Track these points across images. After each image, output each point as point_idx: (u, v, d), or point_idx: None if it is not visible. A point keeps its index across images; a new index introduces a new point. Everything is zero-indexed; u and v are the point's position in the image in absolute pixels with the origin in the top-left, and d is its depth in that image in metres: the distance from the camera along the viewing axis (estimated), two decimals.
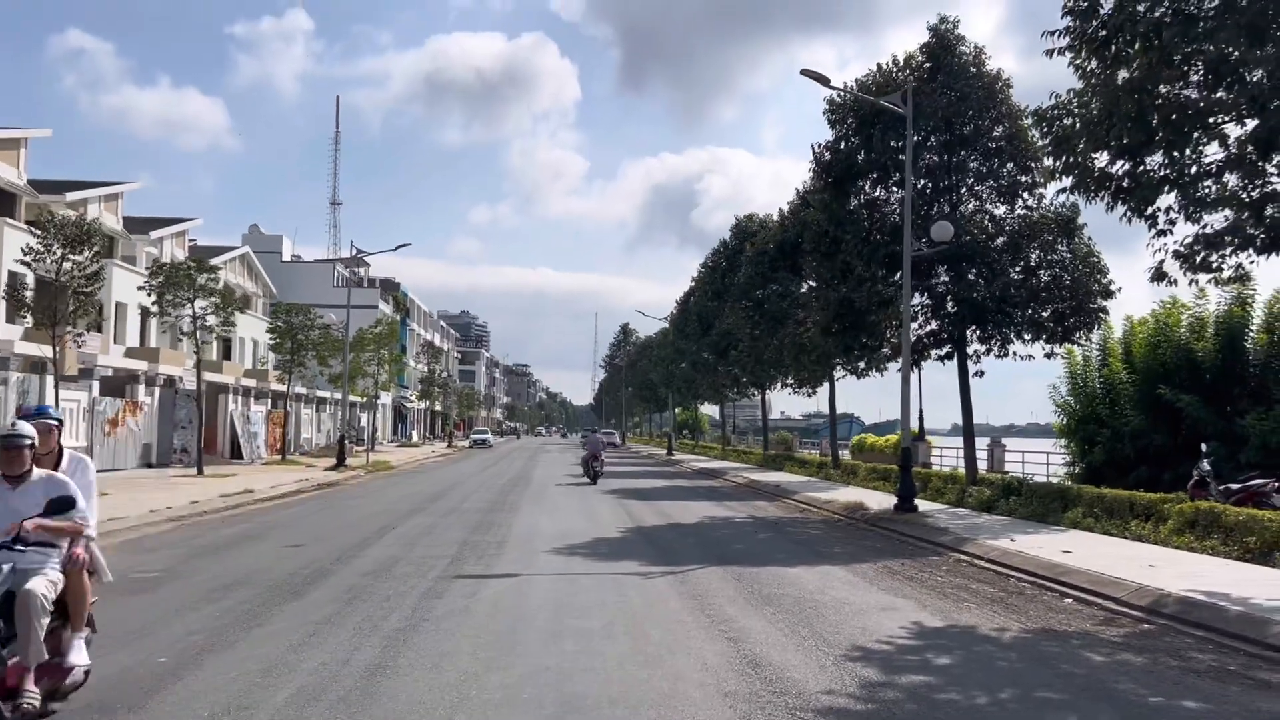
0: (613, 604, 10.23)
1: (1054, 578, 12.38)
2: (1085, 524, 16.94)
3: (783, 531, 18.22)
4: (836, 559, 14.40)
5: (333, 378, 53.30)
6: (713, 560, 13.76)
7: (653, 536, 16.85)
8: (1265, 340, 20.32)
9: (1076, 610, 10.66)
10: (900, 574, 13.02)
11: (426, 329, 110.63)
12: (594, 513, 21.21)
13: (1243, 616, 9.40)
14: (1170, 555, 13.80)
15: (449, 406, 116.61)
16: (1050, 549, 14.37)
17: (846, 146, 23.27)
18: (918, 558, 14.84)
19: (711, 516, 20.78)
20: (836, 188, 22.96)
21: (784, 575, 12.57)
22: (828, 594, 11.20)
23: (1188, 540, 14.43)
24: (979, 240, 21.29)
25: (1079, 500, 18.11)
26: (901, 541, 16.94)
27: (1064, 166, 13.43)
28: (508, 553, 14.29)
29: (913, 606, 10.53)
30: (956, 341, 22.10)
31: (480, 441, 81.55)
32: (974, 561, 14.34)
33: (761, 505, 24.43)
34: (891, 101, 20.42)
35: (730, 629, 9.08)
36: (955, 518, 19.70)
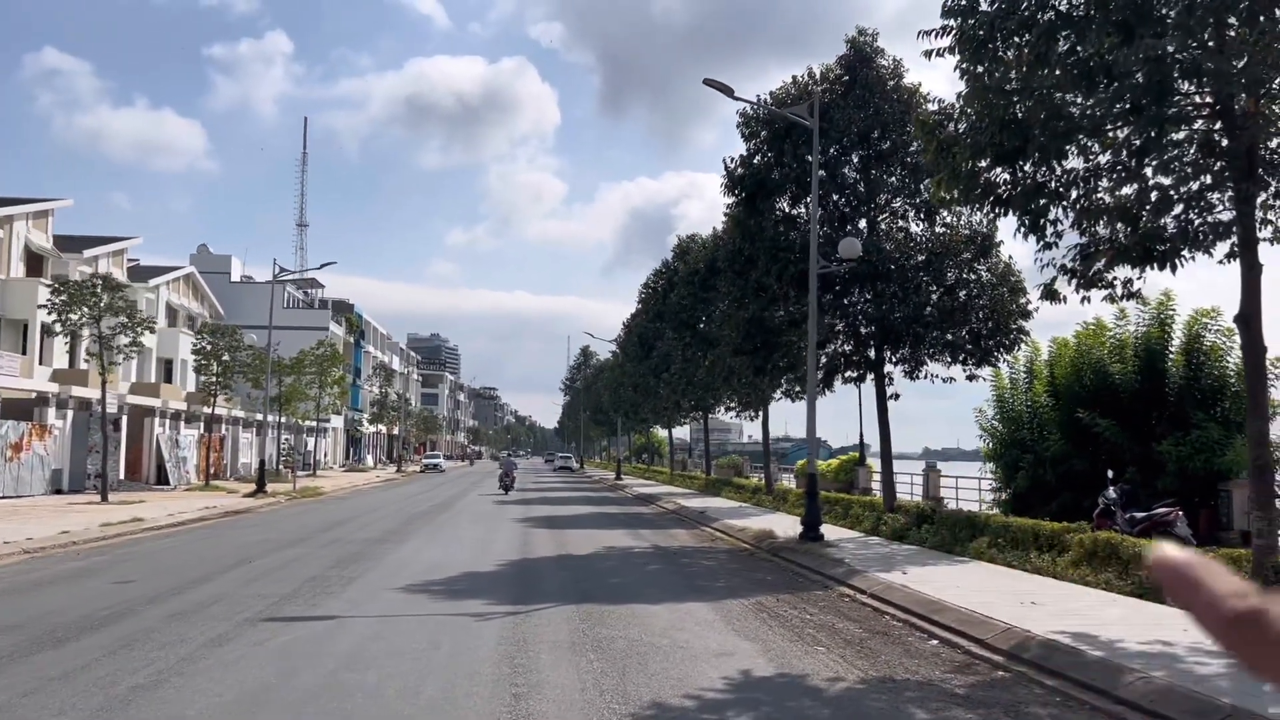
0: (414, 653, 9.17)
1: (928, 615, 11.46)
2: (989, 555, 16.07)
3: (676, 563, 17.21)
4: (711, 594, 13.40)
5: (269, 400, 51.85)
6: (574, 598, 12.71)
7: (530, 570, 15.78)
8: (1182, 362, 19.63)
9: (935, 654, 9.72)
10: (769, 612, 12.04)
11: (384, 351, 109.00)
12: (488, 543, 20.11)
13: (1101, 663, 8.49)
14: (1060, 590, 12.94)
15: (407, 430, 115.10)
16: (940, 582, 13.48)
17: (760, 161, 22.48)
18: (800, 592, 13.88)
19: (611, 547, 19.74)
20: (749, 204, 22.13)
21: (639, 614, 11.56)
22: (671, 637, 10.20)
23: (1083, 574, 13.58)
24: (892, 258, 20.50)
25: (986, 529, 17.25)
26: (794, 574, 15.99)
27: (949, 176, 12.63)
28: (351, 590, 13.19)
29: (754, 651, 9.54)
30: (874, 363, 21.27)
31: (432, 466, 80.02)
32: (856, 596, 13.40)
33: (675, 533, 23.43)
34: (798, 114, 19.66)
35: (526, 682, 8.05)
36: (861, 547, 18.79)
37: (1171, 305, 20.51)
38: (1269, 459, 11.64)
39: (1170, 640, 9.42)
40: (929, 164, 13.14)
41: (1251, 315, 11.57)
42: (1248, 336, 11.68)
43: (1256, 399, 11.66)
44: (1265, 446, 11.61)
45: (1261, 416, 11.62)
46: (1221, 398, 19.48)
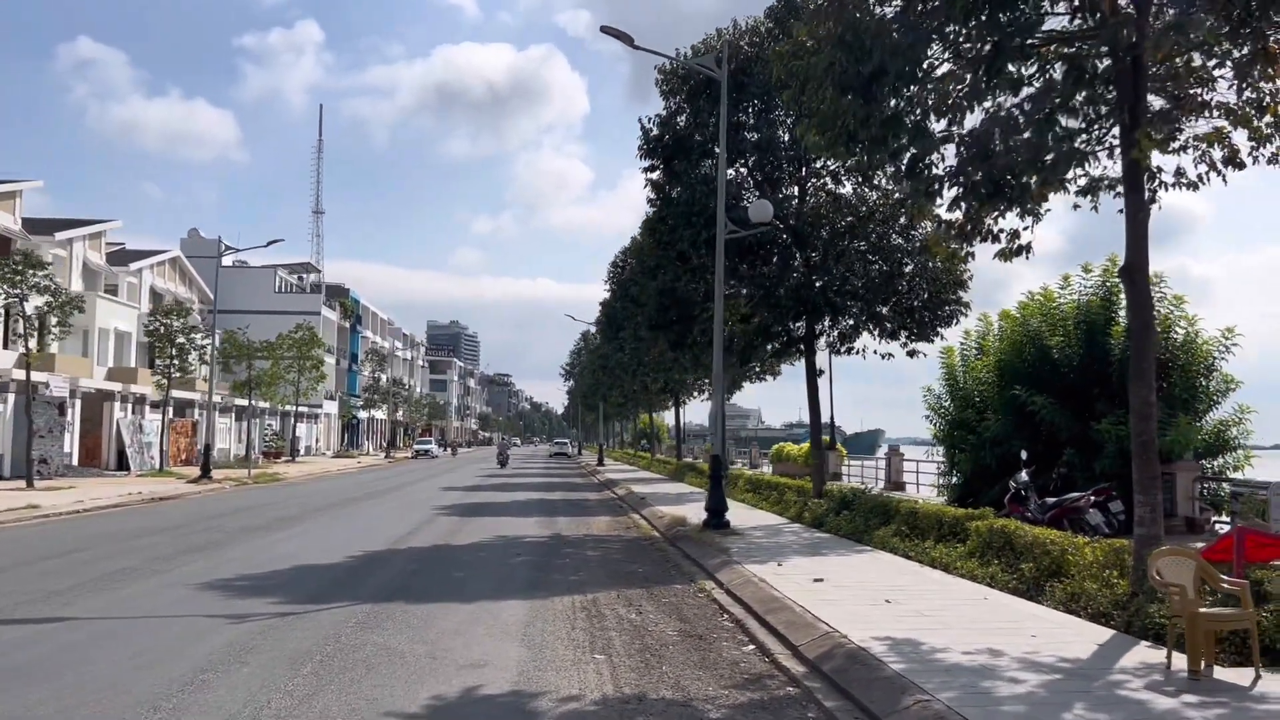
0: (105, 663, 7.78)
1: (764, 615, 9.99)
2: (891, 544, 14.55)
3: (556, 555, 15.76)
4: (552, 591, 11.96)
5: (236, 385, 50.80)
6: (383, 596, 11.31)
7: (374, 563, 14.38)
8: (1121, 335, 17.90)
9: (734, 665, 8.24)
10: (595, 611, 10.60)
11: (384, 336, 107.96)
12: (372, 532, 18.73)
13: (891, 681, 6.98)
14: (933, 585, 11.44)
15: (411, 416, 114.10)
16: (808, 576, 11.99)
17: (683, 121, 20.89)
18: (658, 586, 12.42)
19: (504, 536, 18.31)
20: (667, 166, 20.56)
21: (433, 616, 10.15)
22: (438, 644, 8.77)
23: (971, 566, 12.05)
24: (816, 223, 18.86)
25: (895, 517, 15.71)
26: (671, 565, 14.54)
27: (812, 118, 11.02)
28: (141, 585, 11.89)
29: (517, 662, 8.09)
30: (798, 338, 19.69)
31: (423, 452, 78.88)
32: (711, 591, 11.92)
33: (593, 521, 21.98)
34: (704, 65, 18.05)
35: (178, 704, 6.65)
36: (769, 535, 17.29)
37: (1115, 273, 18.78)
38: (1152, 434, 10.08)
39: (1002, 649, 7.91)
40: (786, 102, 11.56)
41: (1137, 267, 9.97)
42: (1133, 291, 10.11)
43: (1141, 363, 10.10)
44: (1149, 419, 10.03)
45: (1145, 383, 10.04)
46: (1168, 373, 17.79)
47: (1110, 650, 7.96)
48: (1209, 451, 17.66)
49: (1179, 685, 6.81)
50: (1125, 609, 8.90)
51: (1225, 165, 10.88)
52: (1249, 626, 7.12)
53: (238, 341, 51.65)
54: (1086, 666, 7.39)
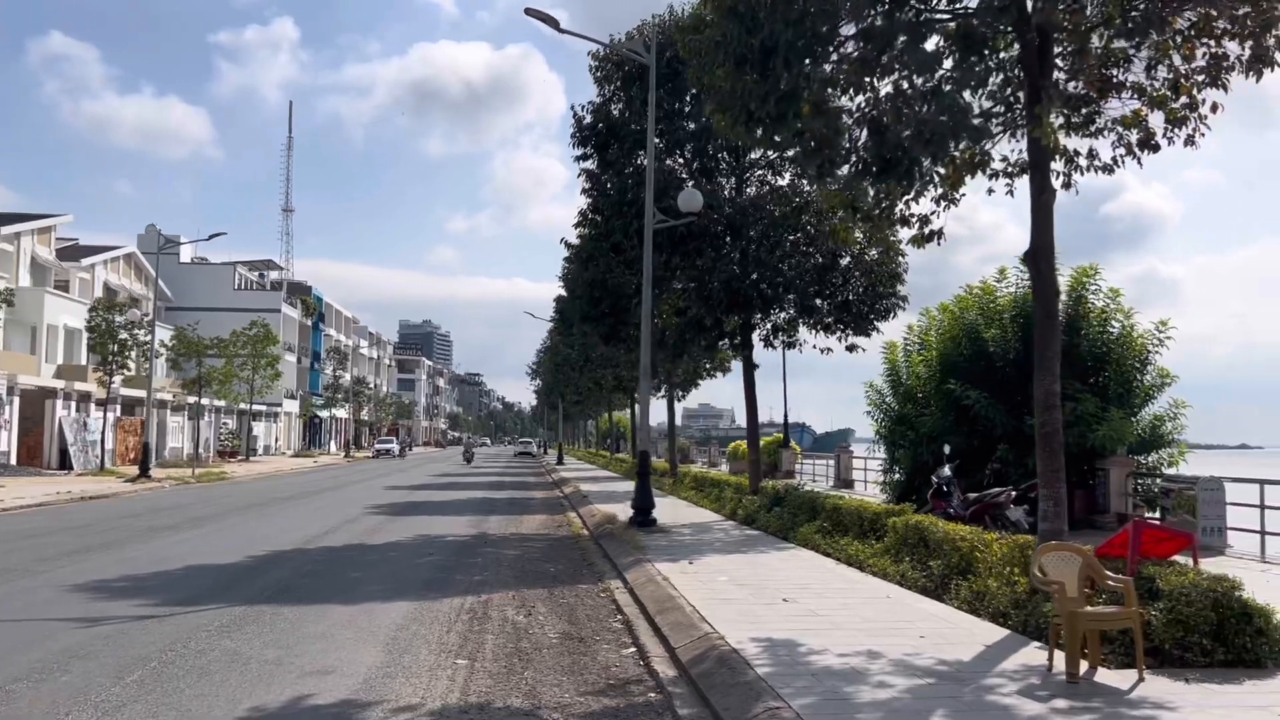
0: None
1: (655, 616, 9.51)
2: (813, 540, 14.13)
3: (472, 553, 15.21)
4: (448, 591, 11.42)
5: (187, 383, 49.83)
6: (264, 598, 10.73)
7: (271, 563, 13.77)
8: (1060, 328, 17.52)
9: (605, 670, 7.74)
10: (482, 614, 10.08)
11: (348, 334, 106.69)
12: (286, 531, 18.11)
13: (750, 686, 6.51)
14: (840, 583, 11.02)
15: (377, 416, 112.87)
16: (722, 573, 11.53)
17: (619, 110, 20.39)
18: (563, 586, 11.91)
19: (425, 535, 17.71)
20: (601, 155, 20.04)
21: (304, 618, 9.61)
22: (293, 649, 8.22)
23: (884, 564, 11.61)
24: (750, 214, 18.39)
25: (820, 512, 15.29)
26: (586, 564, 14.06)
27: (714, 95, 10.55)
28: (14, 583, 11.27)
29: (367, 669, 7.55)
30: (725, 331, 19.23)
31: (384, 451, 77.91)
32: (614, 591, 11.44)
33: (525, 520, 21.43)
34: (634, 51, 17.56)
35: None
36: (697, 532, 16.85)
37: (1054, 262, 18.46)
38: (1057, 425, 9.65)
39: (883, 651, 7.46)
40: (692, 81, 11.09)
41: (1041, 251, 9.57)
42: (1038, 277, 9.70)
43: (1044, 351, 9.68)
44: (1054, 410, 9.62)
45: (1049, 373, 9.63)
46: (1103, 367, 17.47)
47: (997, 651, 7.53)
48: (1143, 447, 17.36)
49: (1053, 689, 6.38)
50: (1023, 608, 8.49)
51: (1141, 148, 10.56)
52: (1132, 626, 6.70)
53: (187, 338, 50.69)
54: (965, 669, 6.95)
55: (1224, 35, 9.52)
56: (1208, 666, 6.87)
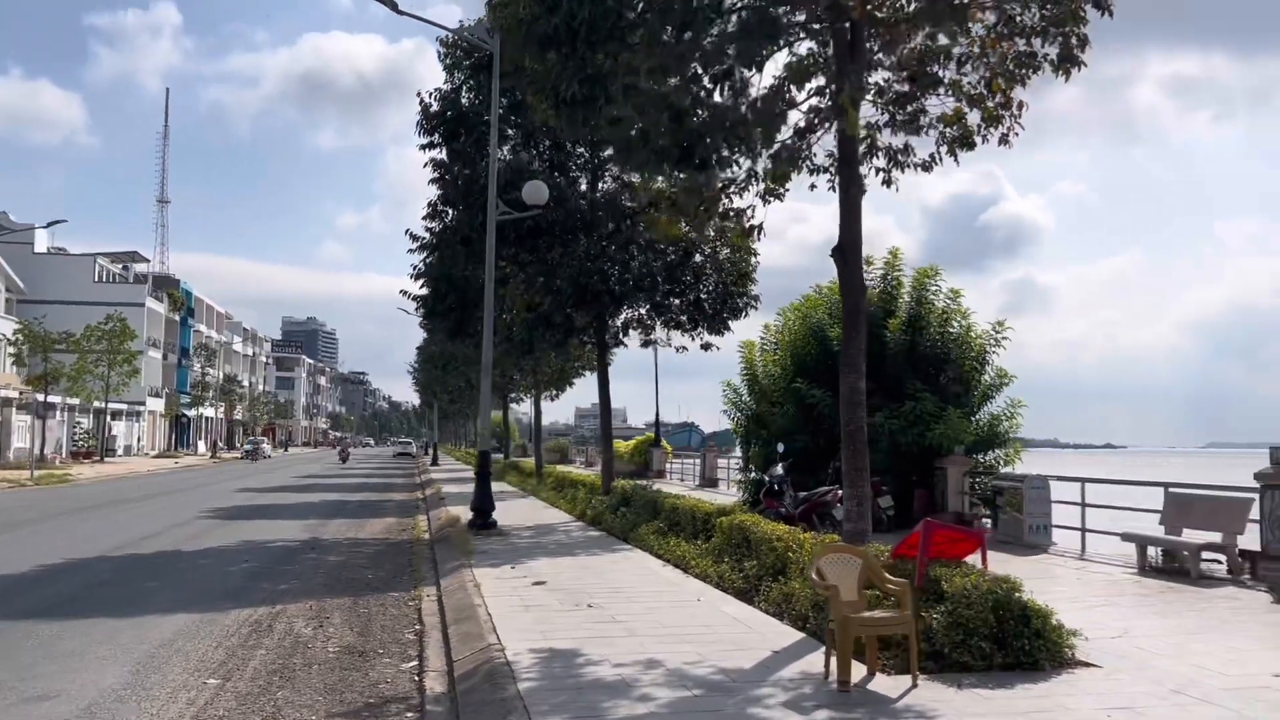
0: None
1: (451, 625, 8.98)
2: (649, 542, 13.79)
3: (293, 560, 14.40)
4: (243, 601, 10.65)
5: (33, 380, 46.90)
6: (39, 611, 9.84)
7: (75, 570, 12.78)
8: (901, 327, 17.69)
9: (378, 685, 7.20)
10: (269, 628, 9.39)
11: (221, 330, 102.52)
12: (116, 534, 16.93)
13: (502, 705, 6.05)
14: (658, 586, 10.70)
15: (252, 415, 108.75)
16: (542, 578, 11.07)
17: (469, 98, 19.74)
18: (376, 594, 11.28)
19: (254, 540, 16.75)
20: (449, 145, 19.37)
21: (68, 634, 8.78)
22: (34, 669, 7.43)
23: (706, 565, 11.33)
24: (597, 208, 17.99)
25: (660, 513, 14.98)
26: (411, 569, 13.43)
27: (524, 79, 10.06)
28: None
29: (110, 691, 6.83)
30: (575, 328, 18.81)
31: (254, 452, 74.98)
32: (423, 599, 10.84)
33: (370, 523, 20.61)
34: (477, 36, 16.96)
35: None
36: (537, 534, 16.38)
37: (899, 264, 18.66)
38: (861, 423, 9.49)
39: (665, 660, 7.12)
40: (506, 61, 10.60)
41: (849, 246, 9.40)
42: (845, 272, 9.52)
43: (850, 348, 9.51)
44: (859, 408, 9.46)
45: (855, 370, 9.46)
46: (942, 367, 17.67)
47: (784, 658, 7.26)
48: (981, 445, 17.62)
49: (822, 699, 6.11)
50: (824, 611, 8.24)
51: (959, 146, 10.55)
52: (907, 631, 6.49)
53: (33, 332, 47.78)
54: (741, 678, 6.64)
55: (1032, 33, 9.55)
56: (986, 670, 6.72)
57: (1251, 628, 8.39)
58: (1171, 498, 12.33)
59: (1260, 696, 6.13)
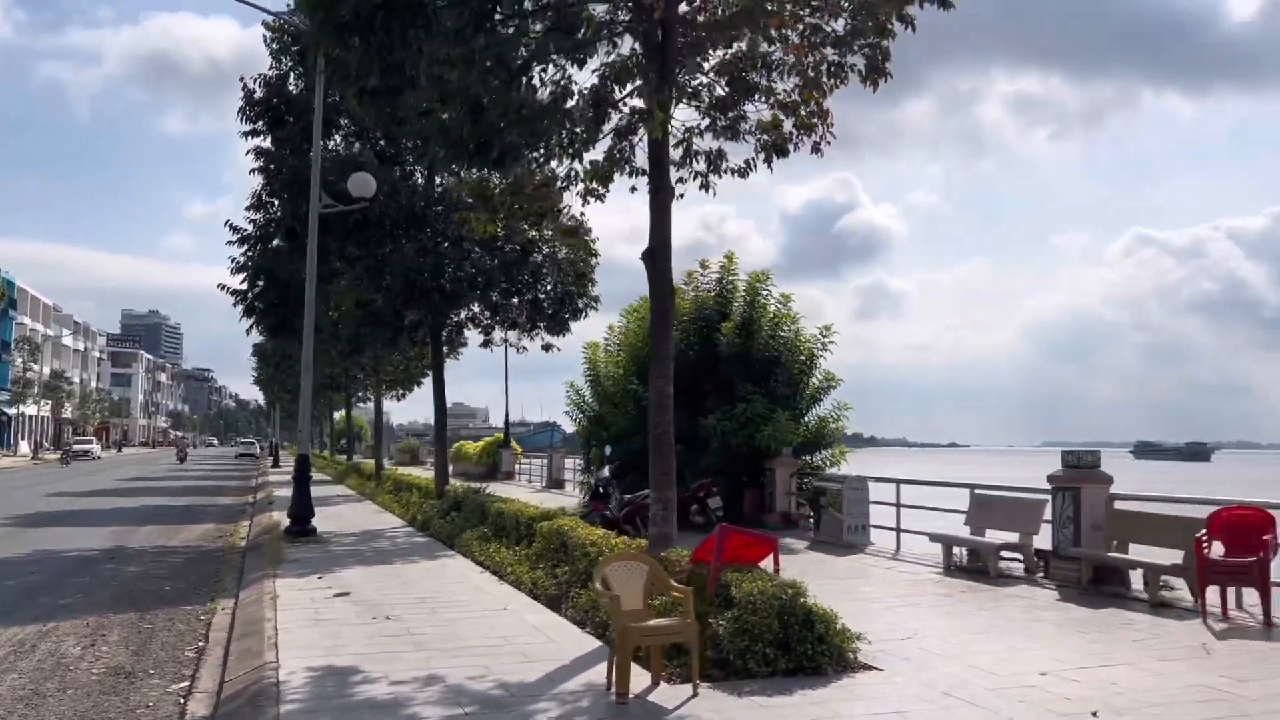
0: None
1: (234, 642, 8.46)
2: (472, 548, 13.45)
3: (85, 571, 13.42)
4: (11, 619, 9.78)
5: None
6: None
7: None
8: (734, 330, 17.89)
9: (134, 710, 6.67)
10: (32, 648, 8.64)
11: (48, 323, 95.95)
12: None
13: None
14: (466, 595, 10.40)
15: (84, 413, 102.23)
16: (351, 588, 10.62)
17: (297, 85, 18.89)
18: (167, 609, 10.56)
19: (49, 549, 15.59)
20: (274, 133, 18.50)
21: None
22: None
23: (521, 572, 11.09)
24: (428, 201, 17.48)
25: (487, 517, 14.66)
26: (214, 581, 12.68)
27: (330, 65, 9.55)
28: None
29: None
30: (430, 327, 18.26)
31: (81, 452, 70.44)
32: (216, 614, 10.22)
33: (190, 530, 19.52)
34: (301, 20, 16.20)
35: None
36: (360, 541, 15.82)
37: (734, 269, 18.88)
38: (668, 426, 9.47)
39: (448, 675, 6.85)
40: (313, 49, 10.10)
41: (659, 248, 9.33)
42: (654, 274, 9.44)
43: (659, 351, 9.47)
44: (666, 411, 9.43)
45: (663, 374, 9.42)
46: (772, 370, 17.96)
47: (572, 669, 7.08)
48: (809, 447, 17.99)
49: (598, 712, 5.96)
50: None
51: (774, 153, 10.63)
52: (689, 639, 6.41)
53: None
54: (522, 693, 6.42)
55: (840, 44, 9.69)
56: (770, 677, 6.70)
57: (1034, 626, 8.70)
58: (976, 499, 12.80)
59: (1023, 696, 6.31)
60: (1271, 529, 8.77)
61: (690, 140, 10.43)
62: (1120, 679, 6.71)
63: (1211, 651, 7.58)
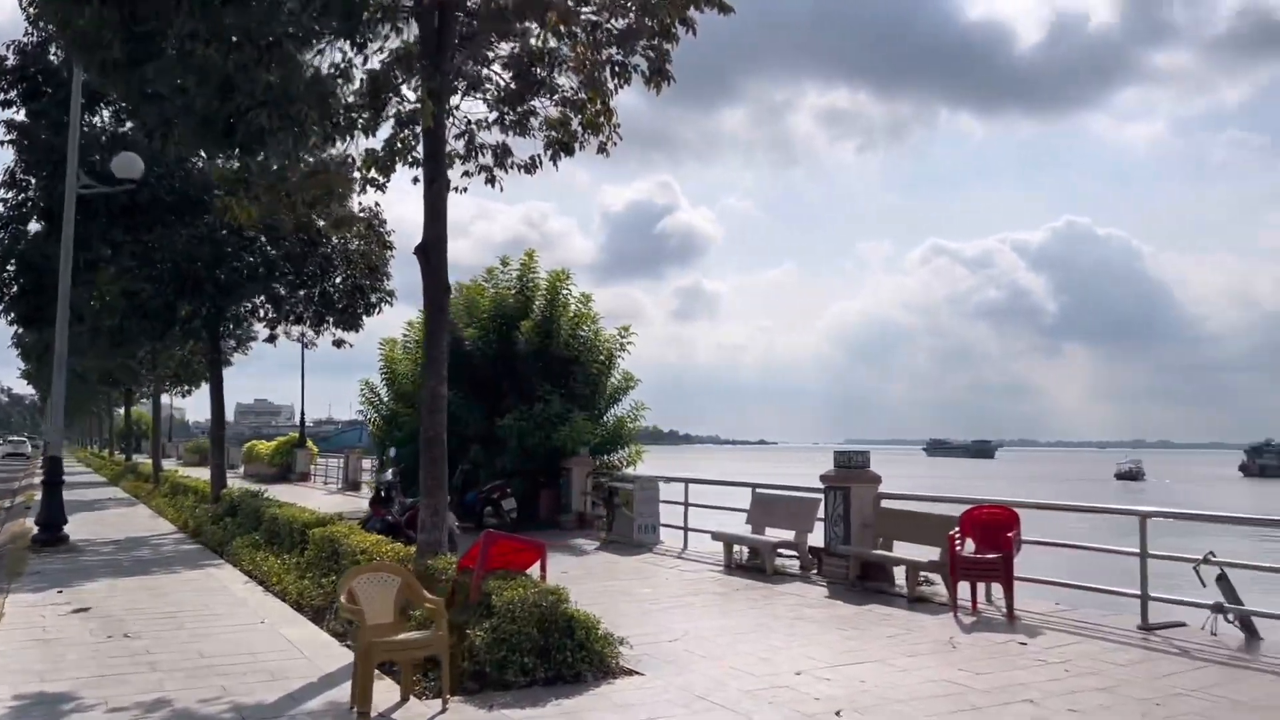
0: None
1: None
2: (243, 556, 12.64)
3: None
4: None
5: None
6: None
7: None
8: (533, 328, 17.65)
9: None
10: None
11: None
12: None
13: None
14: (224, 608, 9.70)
15: None
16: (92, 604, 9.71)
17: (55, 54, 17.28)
18: None
19: None
20: (29, 104, 16.87)
21: None
22: None
23: (288, 582, 10.47)
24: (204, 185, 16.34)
25: (262, 523, 13.84)
26: None
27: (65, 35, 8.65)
28: None
29: None
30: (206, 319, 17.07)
31: None
32: None
33: None
34: None
35: None
36: (119, 550, 14.69)
37: (535, 266, 18.64)
38: (440, 429, 9.16)
39: (174, 700, 6.30)
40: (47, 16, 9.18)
41: (433, 243, 9.00)
42: (428, 270, 9.10)
43: (433, 350, 9.13)
44: (439, 413, 9.11)
45: (436, 373, 9.10)
46: (574, 368, 17.84)
47: (318, 687, 6.66)
48: (606, 447, 17.99)
49: None
50: None
51: (560, 150, 10.49)
52: (439, 652, 6.14)
53: None
54: (253, 717, 5.97)
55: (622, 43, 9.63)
56: (528, 687, 6.51)
57: (798, 625, 8.88)
58: (757, 498, 13.07)
59: (774, 698, 6.37)
60: (1015, 526, 9.32)
61: (472, 133, 10.14)
62: (869, 676, 6.90)
63: (957, 646, 7.94)
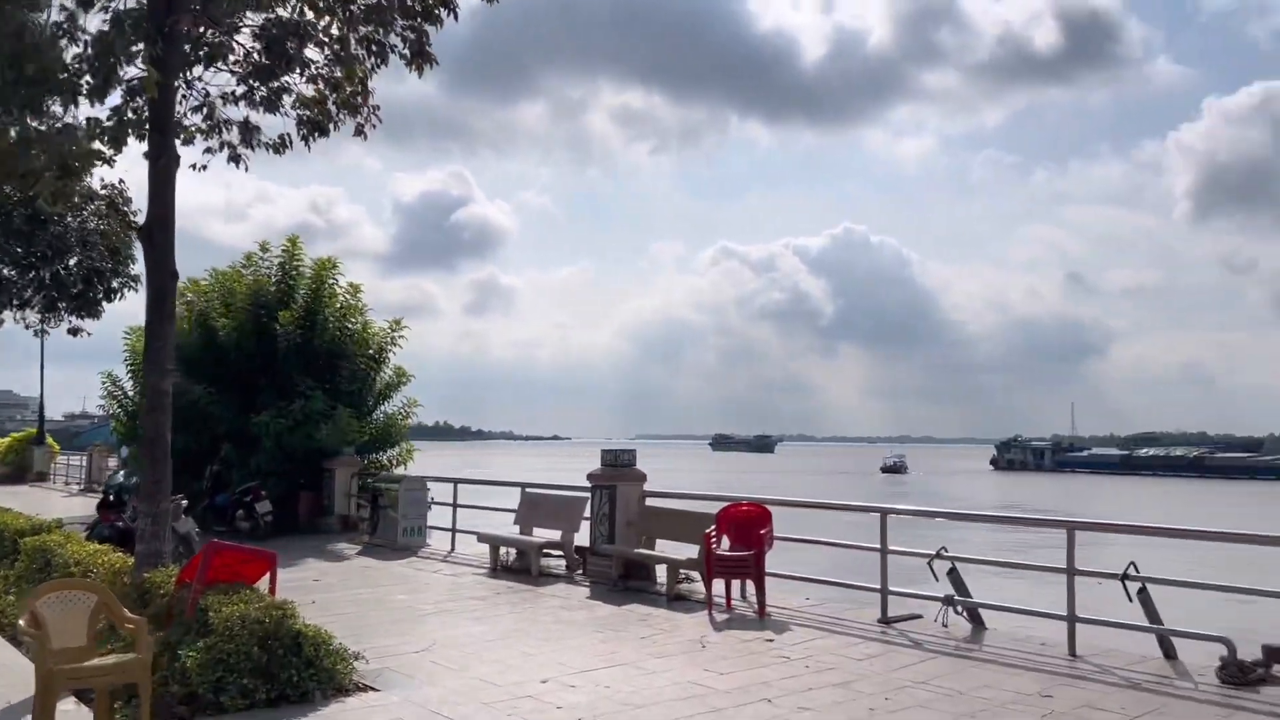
0: None
1: None
2: None
3: None
4: None
5: None
6: None
7: None
8: (292, 321, 16.64)
9: None
10: None
11: None
12: None
13: None
14: None
15: None
16: None
17: None
18: None
19: None
20: None
21: None
22: None
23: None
24: None
25: None
26: None
27: None
28: None
29: None
30: None
31: None
32: None
33: None
34: None
35: None
36: None
37: (300, 253, 17.62)
38: (163, 428, 8.46)
39: None
40: None
41: (158, 223, 8.22)
42: (152, 254, 8.31)
43: (156, 342, 8.36)
44: (163, 412, 8.38)
45: (159, 368, 8.35)
46: (340, 363, 16.99)
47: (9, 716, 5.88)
48: (375, 446, 17.27)
49: None
50: None
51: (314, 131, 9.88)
52: (138, 678, 5.52)
53: None
54: None
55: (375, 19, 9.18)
56: (249, 710, 5.99)
57: (555, 629, 8.70)
58: (526, 497, 12.85)
59: (513, 710, 6.15)
60: (768, 523, 9.52)
61: (213, 106, 9.37)
62: (615, 681, 6.80)
63: (707, 645, 7.99)
